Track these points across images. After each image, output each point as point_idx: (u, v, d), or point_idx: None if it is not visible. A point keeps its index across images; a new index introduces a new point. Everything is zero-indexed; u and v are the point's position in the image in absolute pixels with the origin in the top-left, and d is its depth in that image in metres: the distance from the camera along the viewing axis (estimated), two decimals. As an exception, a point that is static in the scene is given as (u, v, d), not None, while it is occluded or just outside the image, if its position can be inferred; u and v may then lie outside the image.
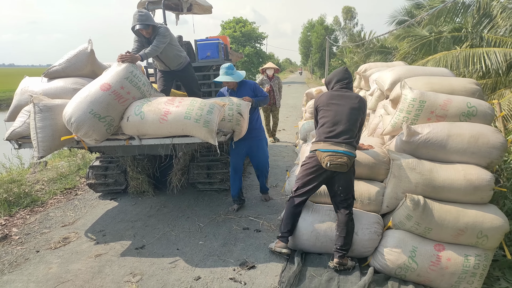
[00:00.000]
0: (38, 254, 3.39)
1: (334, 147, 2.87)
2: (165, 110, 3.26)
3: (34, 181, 5.52)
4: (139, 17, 3.89)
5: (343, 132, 2.92)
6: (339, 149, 2.85)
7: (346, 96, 3.06)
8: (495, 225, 2.66)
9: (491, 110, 3.15)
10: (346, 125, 2.94)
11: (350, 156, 2.86)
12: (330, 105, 3.04)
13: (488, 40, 7.98)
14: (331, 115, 3.00)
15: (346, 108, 2.99)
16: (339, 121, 2.96)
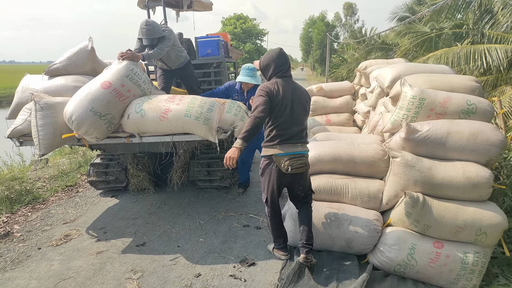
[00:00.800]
0: (39, 251, 3.42)
1: (292, 149, 2.75)
2: (166, 108, 3.27)
3: (36, 178, 5.54)
4: (147, 32, 3.92)
5: (299, 131, 2.81)
6: (297, 150, 2.77)
7: (296, 89, 2.85)
8: (494, 223, 2.66)
9: (490, 107, 3.15)
10: (301, 124, 2.83)
11: (307, 154, 2.86)
12: (284, 101, 2.75)
13: (489, 36, 7.96)
14: (286, 115, 2.76)
15: (299, 104, 2.81)
16: (294, 121, 2.78)
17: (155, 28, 3.97)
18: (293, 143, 2.76)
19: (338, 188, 3.19)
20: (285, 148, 2.74)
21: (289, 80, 2.86)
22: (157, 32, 3.98)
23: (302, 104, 2.83)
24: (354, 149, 3.34)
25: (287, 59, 2.90)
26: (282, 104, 2.73)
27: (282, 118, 2.74)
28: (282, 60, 2.86)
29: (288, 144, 2.75)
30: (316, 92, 5.95)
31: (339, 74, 21.41)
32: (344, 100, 5.79)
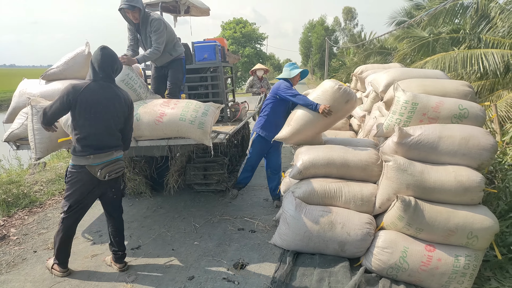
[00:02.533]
0: (35, 254, 3.43)
1: (106, 158, 2.76)
2: (161, 112, 3.30)
3: (33, 182, 5.57)
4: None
5: (112, 140, 2.80)
6: (111, 157, 2.79)
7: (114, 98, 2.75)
8: (485, 226, 2.69)
9: (482, 112, 3.18)
10: (113, 134, 2.81)
11: (121, 158, 2.91)
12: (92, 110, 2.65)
13: (486, 41, 8.00)
14: (96, 124, 2.69)
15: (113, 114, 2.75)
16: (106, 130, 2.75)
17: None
18: (106, 152, 2.76)
19: (331, 191, 3.21)
20: (98, 158, 2.73)
21: (108, 86, 2.76)
22: (139, 2, 3.79)
23: (118, 114, 2.79)
24: (347, 153, 3.37)
25: (112, 62, 2.76)
26: (90, 112, 2.65)
27: (92, 128, 2.69)
28: (105, 63, 2.71)
29: (101, 153, 2.73)
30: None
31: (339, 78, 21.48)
32: (341, 104, 5.81)
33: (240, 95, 8.21)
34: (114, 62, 2.77)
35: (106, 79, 2.75)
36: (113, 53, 2.79)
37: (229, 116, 5.11)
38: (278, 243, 3.35)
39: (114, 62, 2.77)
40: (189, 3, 5.25)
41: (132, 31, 4.10)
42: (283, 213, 3.31)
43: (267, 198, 4.69)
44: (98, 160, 2.73)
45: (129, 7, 3.76)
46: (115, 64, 2.79)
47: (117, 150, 2.84)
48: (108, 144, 2.77)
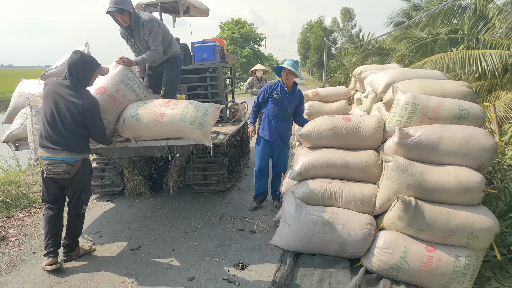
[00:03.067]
0: (34, 255, 3.42)
1: (51, 155, 2.83)
2: (161, 113, 3.29)
3: (32, 182, 5.54)
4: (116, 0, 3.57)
5: (64, 138, 2.85)
6: (58, 156, 2.82)
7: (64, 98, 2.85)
8: (486, 226, 2.69)
9: (482, 112, 3.19)
10: (68, 132, 2.85)
11: (72, 162, 2.88)
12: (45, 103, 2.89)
13: (484, 42, 8.03)
14: (48, 117, 2.85)
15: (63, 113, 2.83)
16: (58, 126, 2.83)
17: (127, 1, 3.63)
18: (53, 149, 2.82)
19: (332, 192, 3.21)
20: (45, 152, 2.86)
21: (68, 85, 2.88)
22: (128, 4, 3.62)
23: (66, 114, 2.83)
24: (348, 154, 3.37)
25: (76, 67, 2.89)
26: (44, 104, 2.87)
27: (46, 119, 2.86)
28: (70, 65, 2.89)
29: (49, 147, 2.83)
30: (312, 97, 5.99)
31: (337, 79, 21.54)
32: (340, 105, 5.83)
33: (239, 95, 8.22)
34: (77, 67, 2.90)
35: (70, 79, 2.90)
36: (80, 59, 2.91)
37: (228, 116, 5.11)
38: (278, 243, 3.35)
39: (77, 67, 2.90)
40: (188, 3, 5.24)
41: (125, 35, 3.99)
42: (283, 213, 3.31)
43: (267, 198, 4.69)
44: (44, 154, 2.86)
45: (118, 10, 3.60)
46: (78, 70, 2.90)
47: (68, 152, 2.85)
48: (56, 141, 2.83)
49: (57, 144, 2.82)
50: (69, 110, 2.82)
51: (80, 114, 2.85)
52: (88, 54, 3.02)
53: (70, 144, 2.85)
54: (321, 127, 3.48)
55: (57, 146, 2.81)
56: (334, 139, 3.48)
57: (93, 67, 2.99)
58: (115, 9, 3.59)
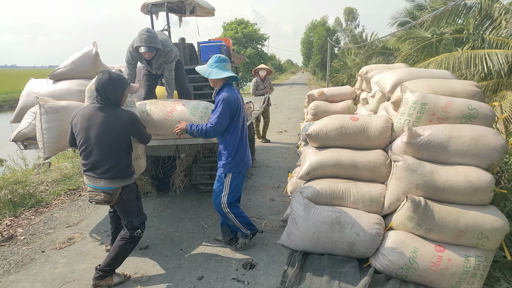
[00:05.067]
0: (43, 254, 3.44)
1: (92, 183, 2.73)
2: (171, 108, 3.35)
3: (39, 182, 5.57)
4: (147, 38, 3.49)
5: (103, 166, 2.68)
6: (98, 185, 2.71)
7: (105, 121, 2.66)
8: (495, 226, 2.68)
9: (492, 112, 3.18)
10: (106, 159, 2.68)
11: (111, 191, 2.73)
12: (80, 130, 2.70)
13: (489, 41, 8.00)
14: (86, 145, 2.69)
15: (104, 138, 2.66)
16: (96, 154, 2.67)
17: (157, 38, 3.60)
18: (93, 177, 2.71)
19: (340, 192, 3.21)
20: (87, 179, 2.77)
21: (101, 108, 2.71)
22: (158, 43, 3.61)
23: (104, 139, 2.65)
24: (355, 154, 3.37)
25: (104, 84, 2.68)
26: (79, 133, 2.70)
27: (81, 148, 2.71)
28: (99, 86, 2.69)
29: (89, 175, 2.73)
30: (317, 97, 5.99)
31: (340, 79, 21.50)
32: (346, 105, 5.83)
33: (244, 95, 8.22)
34: (106, 87, 2.69)
35: (100, 101, 2.73)
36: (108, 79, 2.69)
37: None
38: (286, 243, 3.35)
39: (105, 87, 2.69)
40: (194, 3, 5.24)
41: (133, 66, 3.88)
42: (291, 213, 3.30)
43: (273, 198, 4.69)
44: (86, 181, 2.79)
45: (150, 50, 3.54)
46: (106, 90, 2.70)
47: (106, 180, 2.70)
48: (95, 169, 2.69)
49: (96, 172, 2.68)
50: (106, 135, 2.65)
51: (120, 134, 2.70)
52: (116, 73, 2.80)
53: (108, 172, 2.68)
54: (329, 126, 3.48)
55: (95, 174, 2.68)
56: (342, 138, 3.48)
57: (123, 86, 2.78)
58: (148, 49, 3.52)
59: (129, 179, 2.82)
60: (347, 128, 3.45)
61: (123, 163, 2.76)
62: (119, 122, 2.69)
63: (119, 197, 2.79)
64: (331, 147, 3.52)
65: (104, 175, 2.68)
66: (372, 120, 3.49)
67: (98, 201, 2.76)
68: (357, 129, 3.44)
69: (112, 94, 2.71)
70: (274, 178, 5.56)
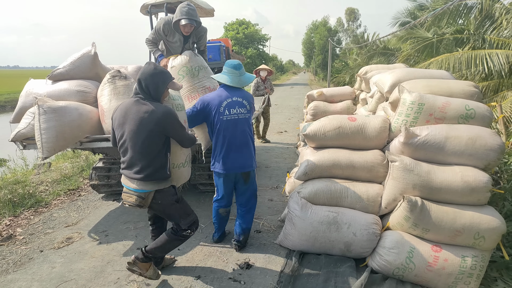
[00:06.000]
0: (42, 254, 3.45)
1: (126, 183, 2.61)
2: None
3: (38, 182, 5.59)
4: (188, 11, 3.60)
5: (137, 165, 2.54)
6: (130, 186, 2.57)
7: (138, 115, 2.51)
8: (492, 226, 2.68)
9: (489, 112, 3.17)
10: (141, 157, 2.53)
11: (143, 194, 2.56)
12: (119, 125, 2.58)
13: (490, 42, 7.99)
14: (123, 141, 2.57)
15: (137, 134, 2.51)
16: (127, 148, 2.55)
17: (196, 12, 3.70)
18: (128, 176, 2.58)
19: (337, 192, 3.21)
20: (123, 178, 2.64)
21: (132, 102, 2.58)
22: (197, 16, 3.69)
23: (140, 137, 2.50)
24: (353, 154, 3.37)
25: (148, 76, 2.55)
26: (117, 128, 2.59)
27: (119, 144, 2.61)
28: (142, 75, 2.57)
29: (124, 175, 2.61)
30: (317, 97, 6.00)
31: (341, 79, 21.51)
32: (345, 105, 5.83)
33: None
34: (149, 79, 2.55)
35: (139, 94, 2.59)
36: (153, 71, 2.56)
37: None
38: (283, 243, 3.35)
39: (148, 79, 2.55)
40: (194, 3, 5.26)
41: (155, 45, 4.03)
42: (288, 213, 3.31)
43: (272, 198, 4.70)
44: (123, 181, 2.66)
45: (192, 22, 3.65)
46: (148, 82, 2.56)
47: (139, 181, 2.55)
48: (130, 169, 2.56)
49: (130, 169, 2.56)
50: (139, 133, 2.50)
51: (153, 133, 2.52)
52: (161, 66, 2.68)
53: (140, 172, 2.52)
54: (326, 127, 3.48)
55: (129, 173, 2.56)
56: (340, 139, 3.47)
57: (166, 80, 2.61)
58: (190, 21, 3.65)
59: (163, 183, 2.63)
60: (345, 128, 3.45)
61: (157, 165, 2.56)
62: (152, 120, 2.49)
63: (154, 201, 2.61)
64: (329, 147, 3.52)
65: (137, 175, 2.53)
66: (370, 121, 3.49)
67: (130, 204, 2.59)
68: (355, 129, 3.44)
69: (154, 86, 2.56)
70: (273, 178, 5.56)
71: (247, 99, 3.23)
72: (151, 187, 2.56)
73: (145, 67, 2.60)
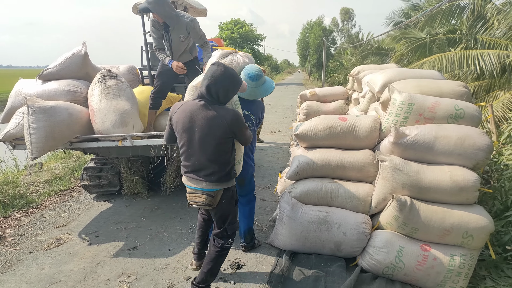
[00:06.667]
0: (31, 255, 3.42)
1: (193, 184, 2.49)
2: None
3: (29, 182, 5.55)
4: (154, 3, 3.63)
5: (206, 167, 2.43)
6: (199, 186, 2.47)
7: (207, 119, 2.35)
8: (480, 225, 2.70)
9: (478, 112, 3.19)
10: (210, 159, 2.41)
11: (213, 192, 2.47)
12: (183, 128, 2.42)
13: (482, 42, 8.04)
14: (188, 144, 2.43)
15: (205, 137, 2.37)
16: (200, 153, 2.41)
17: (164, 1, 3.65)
18: (195, 178, 2.47)
19: (328, 192, 3.21)
20: (187, 181, 2.54)
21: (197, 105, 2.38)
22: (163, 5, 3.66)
23: (208, 140, 2.38)
24: (344, 154, 3.37)
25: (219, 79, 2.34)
26: (180, 131, 2.44)
27: (183, 148, 2.47)
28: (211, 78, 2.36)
29: (190, 177, 2.50)
30: (309, 97, 6.00)
31: (336, 79, 21.56)
32: (338, 105, 5.84)
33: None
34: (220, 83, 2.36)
35: (205, 98, 2.40)
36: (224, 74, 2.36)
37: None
38: (274, 243, 3.35)
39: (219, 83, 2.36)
40: (186, 3, 5.24)
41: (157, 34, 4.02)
42: (279, 213, 3.31)
43: (264, 198, 4.70)
44: (186, 183, 2.55)
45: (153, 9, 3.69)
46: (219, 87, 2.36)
47: (208, 182, 2.45)
48: (197, 170, 2.45)
49: (198, 173, 2.45)
50: (210, 140, 2.37)
51: (224, 138, 2.40)
52: (231, 67, 2.45)
53: (210, 173, 2.43)
54: (317, 127, 3.48)
55: (197, 175, 2.45)
56: (331, 139, 3.48)
57: (237, 85, 2.44)
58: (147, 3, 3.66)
59: (231, 181, 2.57)
60: (336, 128, 3.45)
61: (227, 167, 2.50)
62: (223, 124, 2.35)
63: (219, 200, 2.54)
64: (320, 147, 3.52)
65: (208, 178, 2.44)
66: (360, 120, 3.49)
67: (199, 204, 2.50)
68: (345, 129, 3.45)
69: (224, 92, 2.38)
70: (266, 178, 5.57)
71: (255, 112, 3.15)
72: (221, 186, 2.50)
73: (213, 69, 2.36)
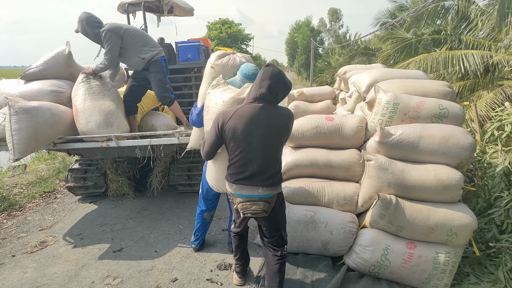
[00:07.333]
0: (13, 259, 3.35)
1: (247, 192, 2.33)
2: None
3: (13, 184, 5.43)
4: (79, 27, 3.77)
5: (263, 171, 2.30)
6: (255, 193, 2.31)
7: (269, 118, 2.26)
8: (464, 223, 2.73)
9: (462, 112, 3.23)
10: (268, 163, 2.31)
11: (269, 198, 2.34)
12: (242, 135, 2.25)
13: (466, 42, 8.18)
14: (245, 150, 2.28)
15: (268, 138, 2.27)
16: (257, 158, 2.28)
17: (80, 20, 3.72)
18: (251, 185, 2.32)
19: (315, 191, 3.22)
20: (239, 189, 2.36)
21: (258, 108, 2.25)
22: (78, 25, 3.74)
23: (271, 142, 2.30)
24: (331, 153, 3.38)
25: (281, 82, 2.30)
26: (239, 137, 2.26)
27: (239, 156, 2.30)
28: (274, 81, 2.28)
29: (243, 184, 2.33)
30: (297, 97, 6.01)
31: (324, 79, 21.67)
32: (325, 105, 5.86)
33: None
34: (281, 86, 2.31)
35: (264, 100, 2.27)
36: (284, 77, 2.31)
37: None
38: (261, 243, 3.34)
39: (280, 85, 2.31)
40: (172, 2, 5.20)
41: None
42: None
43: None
44: (238, 192, 2.37)
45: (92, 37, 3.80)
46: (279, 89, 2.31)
47: (264, 187, 2.31)
48: (252, 176, 2.30)
49: (253, 179, 2.30)
50: (272, 142, 2.29)
51: (286, 134, 2.38)
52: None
53: (267, 177, 2.31)
54: (304, 126, 3.49)
55: (252, 182, 2.30)
56: (317, 138, 3.49)
57: (290, 84, 2.42)
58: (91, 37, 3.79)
59: (281, 186, 2.47)
60: (323, 128, 3.46)
61: (280, 169, 2.44)
62: (286, 123, 2.32)
63: (274, 206, 2.42)
64: (307, 147, 3.53)
65: (264, 183, 2.30)
66: (347, 120, 3.51)
67: (256, 212, 2.32)
68: (332, 129, 3.46)
69: (285, 91, 2.35)
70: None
71: None
72: (276, 191, 2.39)
73: (269, 70, 2.29)
